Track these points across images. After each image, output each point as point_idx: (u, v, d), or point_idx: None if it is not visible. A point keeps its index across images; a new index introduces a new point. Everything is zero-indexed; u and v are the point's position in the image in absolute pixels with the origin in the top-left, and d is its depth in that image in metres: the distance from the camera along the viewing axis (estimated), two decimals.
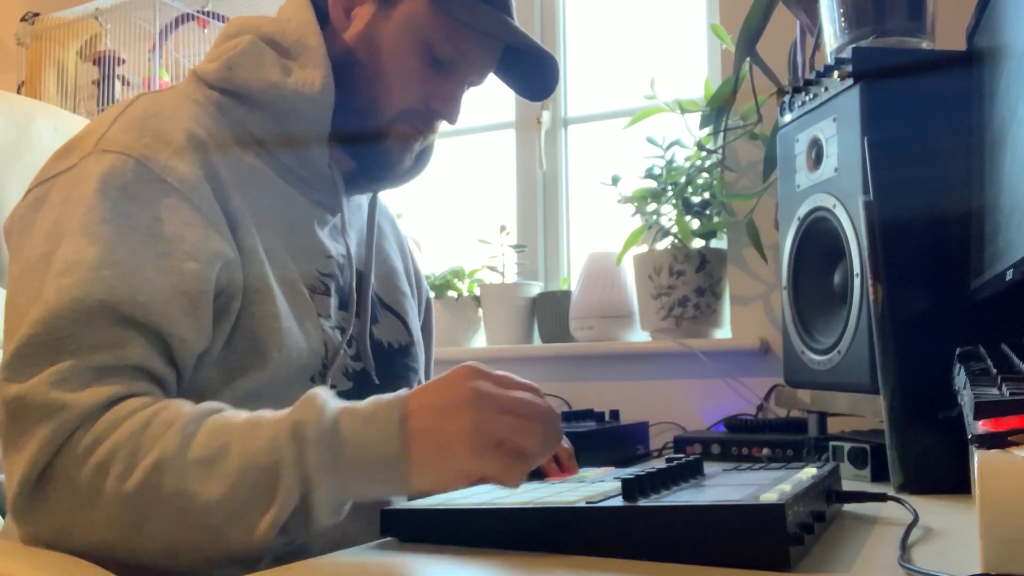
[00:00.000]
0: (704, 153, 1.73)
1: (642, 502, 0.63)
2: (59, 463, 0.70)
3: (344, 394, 0.93)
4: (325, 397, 0.72)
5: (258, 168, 0.91)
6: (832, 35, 1.20)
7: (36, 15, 2.29)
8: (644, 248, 1.78)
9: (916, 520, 0.70)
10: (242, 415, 0.73)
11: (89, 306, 0.74)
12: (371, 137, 0.95)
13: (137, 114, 0.86)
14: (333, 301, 0.95)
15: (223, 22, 2.19)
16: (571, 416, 1.47)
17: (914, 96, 1.04)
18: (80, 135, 0.88)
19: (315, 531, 0.70)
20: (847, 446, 1.07)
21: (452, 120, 0.97)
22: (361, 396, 0.96)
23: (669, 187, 1.75)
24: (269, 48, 0.92)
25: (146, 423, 0.71)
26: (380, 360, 1.00)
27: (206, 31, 2.17)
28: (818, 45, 1.45)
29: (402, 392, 0.72)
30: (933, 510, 0.79)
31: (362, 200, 1.07)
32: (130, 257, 0.77)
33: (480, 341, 2.05)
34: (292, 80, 0.90)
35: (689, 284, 1.72)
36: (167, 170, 0.82)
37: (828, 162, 1.12)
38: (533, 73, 1.00)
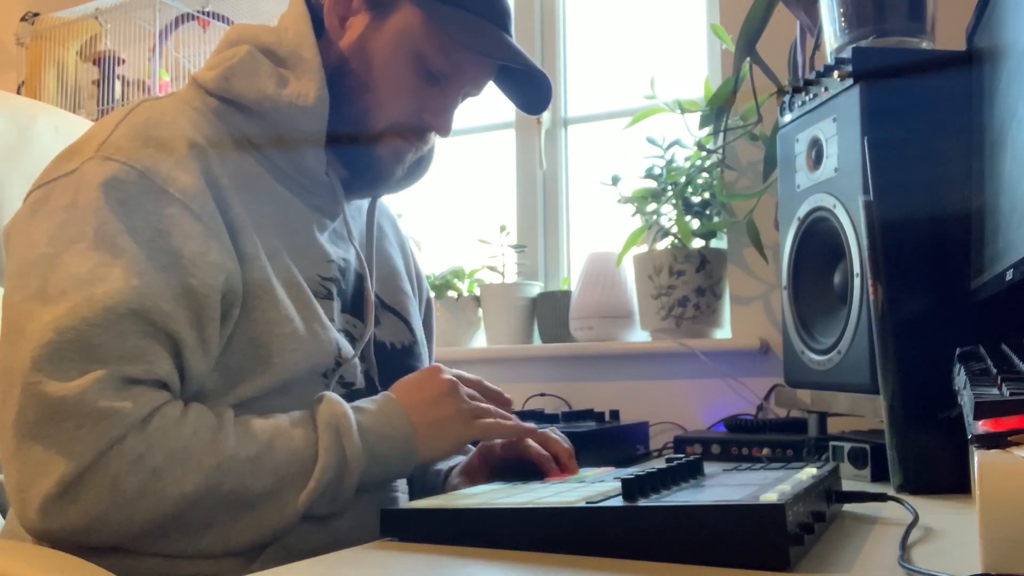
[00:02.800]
0: (704, 153, 1.73)
1: (642, 502, 0.63)
2: (103, 467, 0.74)
3: (358, 392, 0.94)
4: (336, 398, 0.86)
5: (257, 174, 0.91)
6: (832, 35, 1.20)
7: (36, 15, 2.29)
8: (644, 248, 1.78)
9: (916, 520, 0.70)
10: (254, 418, 0.83)
11: (121, 314, 0.77)
12: (363, 146, 0.96)
13: (139, 121, 0.86)
14: (336, 305, 0.95)
15: (223, 22, 2.19)
16: (571, 416, 1.47)
17: (914, 96, 1.04)
18: (81, 140, 0.88)
19: (338, 507, 0.85)
20: (847, 446, 1.07)
21: (444, 133, 0.98)
22: (367, 395, 0.97)
23: (669, 187, 1.75)
24: (265, 59, 0.92)
25: (194, 431, 0.78)
26: (383, 361, 1.00)
27: (206, 31, 2.17)
28: (818, 45, 1.45)
29: (387, 393, 0.91)
30: (933, 510, 0.79)
31: (362, 203, 1.07)
32: (149, 269, 0.79)
33: (480, 341, 2.05)
34: (287, 92, 0.90)
35: (689, 284, 1.72)
36: (169, 181, 0.83)
37: (828, 162, 1.12)
38: (529, 87, 1.00)
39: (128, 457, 0.74)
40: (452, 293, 2.04)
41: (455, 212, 2.24)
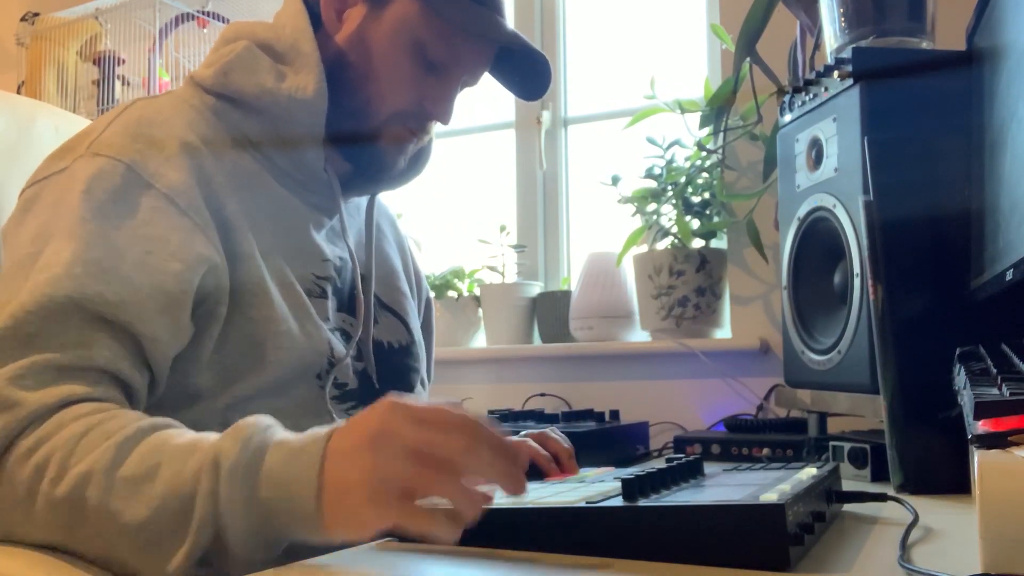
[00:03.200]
0: (704, 153, 1.73)
1: (642, 502, 0.63)
2: (5, 461, 0.69)
3: (351, 393, 0.94)
4: (261, 426, 0.67)
5: (254, 172, 0.91)
6: (832, 35, 1.20)
7: (36, 15, 2.29)
8: (644, 248, 1.78)
9: (916, 520, 0.70)
10: (186, 436, 0.69)
11: (59, 303, 0.74)
12: (365, 139, 0.95)
13: (132, 119, 0.87)
14: (331, 304, 0.95)
15: (223, 22, 2.19)
16: (571, 416, 1.47)
17: (914, 96, 1.04)
18: (75, 138, 0.88)
19: (239, 564, 0.64)
20: (847, 446, 1.07)
21: (445, 121, 0.97)
22: (364, 395, 0.96)
23: (669, 187, 1.75)
24: (264, 54, 0.92)
25: (87, 430, 0.69)
26: (381, 361, 1.00)
27: (205, 31, 2.17)
28: (818, 45, 1.45)
29: (335, 425, 0.65)
30: (933, 510, 0.79)
31: (361, 202, 1.07)
32: (106, 255, 0.77)
33: (480, 341, 2.05)
34: (286, 85, 0.90)
35: (689, 284, 1.72)
36: (156, 176, 0.82)
37: (828, 162, 1.12)
38: (527, 72, 1.00)
39: (21, 450, 0.69)
40: (452, 293, 2.04)
41: (455, 212, 2.24)
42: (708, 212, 1.75)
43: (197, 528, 0.63)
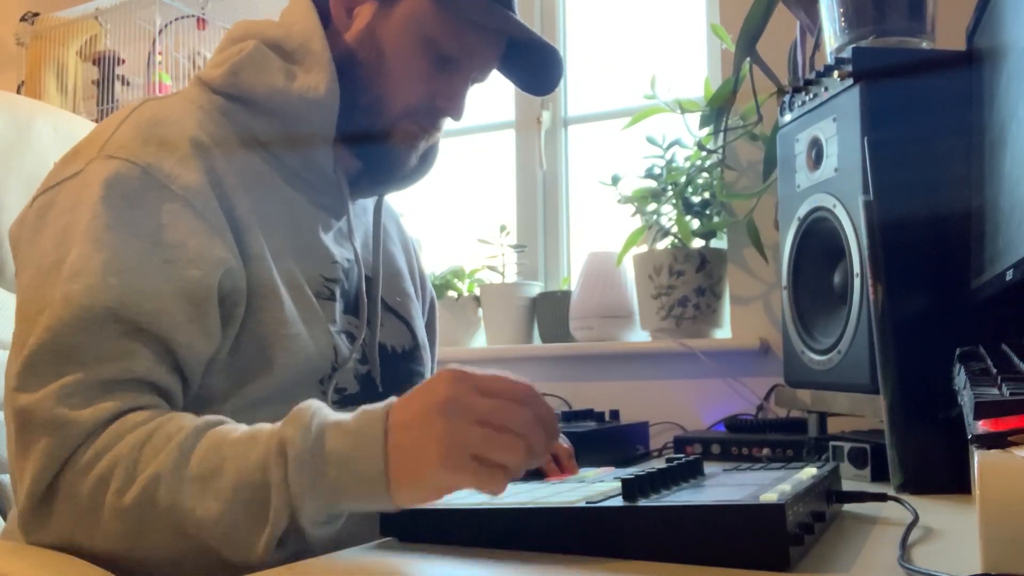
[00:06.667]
0: (704, 153, 1.73)
1: (642, 502, 0.63)
2: (63, 478, 0.71)
3: (352, 397, 0.93)
4: (314, 410, 0.70)
5: (263, 172, 0.91)
6: (832, 35, 1.19)
7: (36, 15, 2.29)
8: (644, 248, 1.78)
9: (916, 520, 0.70)
10: (240, 429, 0.72)
11: (96, 313, 0.74)
12: (377, 137, 0.95)
13: (143, 120, 0.86)
14: (338, 306, 0.94)
15: (223, 22, 2.19)
16: (571, 416, 1.47)
17: (914, 96, 1.04)
18: (85, 141, 0.88)
19: (314, 542, 0.69)
20: (847, 446, 1.07)
21: (457, 117, 0.97)
22: (367, 399, 0.96)
23: (669, 187, 1.75)
24: (273, 53, 0.92)
25: (147, 437, 0.71)
26: (385, 364, 0.99)
27: (205, 31, 2.17)
28: (818, 45, 1.45)
29: (389, 401, 0.69)
30: (933, 510, 0.79)
31: (367, 203, 1.07)
32: (135, 265, 0.78)
33: (480, 341, 2.05)
34: (297, 85, 0.90)
35: (689, 284, 1.72)
36: (171, 178, 0.82)
37: (828, 162, 1.12)
38: (537, 67, 1.00)
39: (79, 466, 0.71)
40: (452, 293, 2.04)
41: (455, 212, 2.24)
42: (708, 212, 1.75)
43: (274, 515, 0.66)
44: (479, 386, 0.65)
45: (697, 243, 1.75)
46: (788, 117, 1.25)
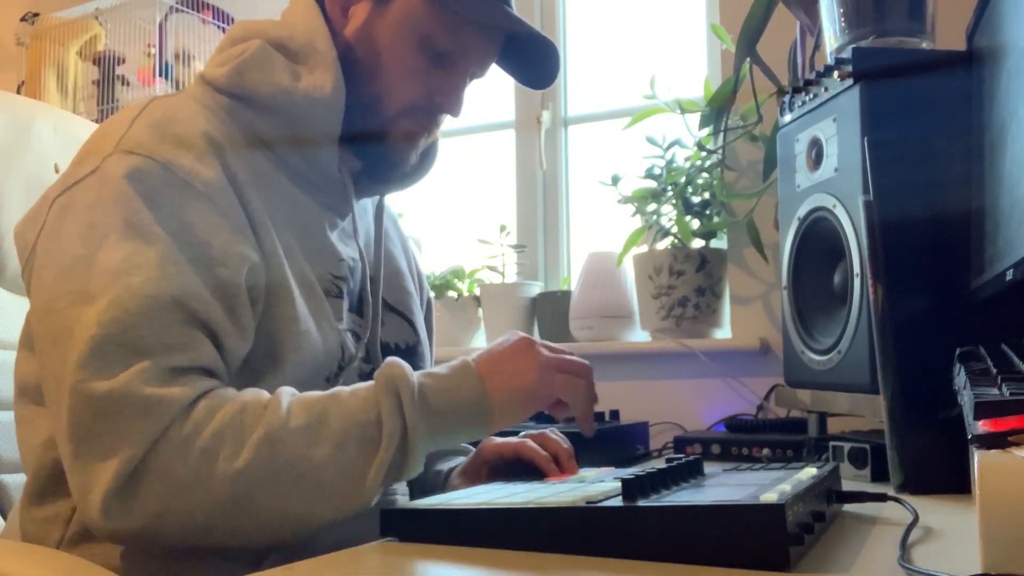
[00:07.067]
0: (704, 153, 1.73)
1: (642, 502, 0.63)
2: (155, 457, 0.72)
3: None
4: (403, 366, 0.81)
5: (269, 172, 0.91)
6: (832, 35, 1.20)
7: (36, 15, 2.29)
8: (644, 248, 1.78)
9: (916, 520, 0.70)
10: (320, 391, 0.81)
11: (163, 303, 0.76)
12: (375, 136, 0.95)
13: (156, 118, 0.86)
14: (345, 304, 0.95)
15: (223, 22, 2.19)
16: (571, 416, 1.47)
17: (914, 96, 1.04)
18: (96, 140, 0.88)
19: (408, 477, 0.81)
20: (847, 446, 1.07)
21: (455, 113, 0.97)
22: None
23: (669, 187, 1.75)
24: (278, 53, 0.92)
25: (243, 406, 0.76)
26: None
27: (204, 25, 2.17)
28: (818, 45, 1.45)
29: (466, 357, 0.84)
30: (933, 510, 0.79)
31: (367, 203, 1.07)
32: (184, 257, 0.79)
33: (480, 341, 2.05)
34: (302, 84, 0.90)
35: (689, 284, 1.72)
36: (192, 174, 0.82)
37: (828, 162, 1.12)
38: (534, 61, 1.00)
39: (175, 442, 0.73)
40: (452, 293, 2.04)
41: (455, 212, 2.24)
42: (708, 212, 1.75)
43: (386, 440, 0.77)
44: (546, 345, 0.87)
45: (697, 243, 1.75)
46: (788, 117, 1.25)
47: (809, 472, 0.76)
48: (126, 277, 0.76)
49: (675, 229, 1.75)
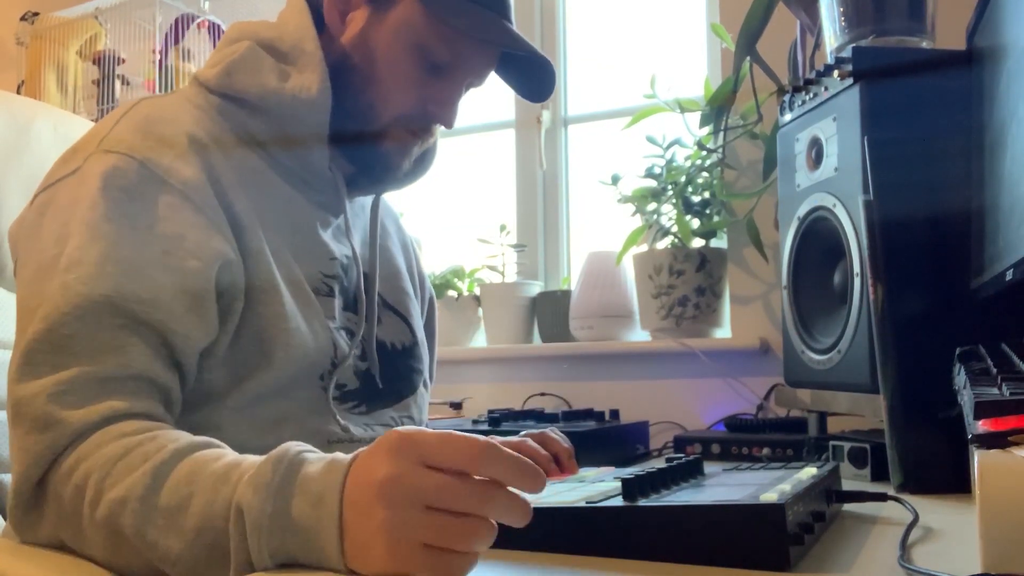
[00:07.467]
0: (704, 152, 1.73)
1: (642, 502, 0.63)
2: (50, 478, 0.70)
3: (352, 393, 0.94)
4: (292, 458, 0.61)
5: (260, 170, 0.92)
6: (832, 35, 1.20)
7: (36, 15, 2.29)
8: (644, 248, 1.78)
9: (916, 520, 0.70)
10: (223, 460, 0.66)
11: (94, 302, 0.74)
12: (368, 141, 0.95)
13: (140, 117, 0.87)
14: (337, 303, 0.95)
15: (222, 22, 2.19)
16: (571, 416, 1.47)
17: (914, 96, 1.04)
18: (83, 139, 0.88)
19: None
20: (847, 446, 1.07)
21: (449, 124, 0.97)
22: (367, 395, 0.97)
23: (669, 187, 1.75)
24: (267, 54, 0.92)
25: (124, 452, 0.68)
26: (384, 361, 1.00)
27: (202, 32, 2.17)
28: (818, 44, 1.45)
29: (354, 456, 0.60)
30: (933, 510, 0.79)
31: (365, 201, 1.07)
32: (133, 255, 0.77)
33: (480, 341, 2.05)
34: (290, 85, 0.90)
35: (689, 284, 1.72)
36: (170, 172, 0.83)
37: (828, 162, 1.12)
38: (531, 74, 1.00)
39: (64, 469, 0.69)
40: (452, 293, 2.04)
41: (455, 212, 2.24)
42: (708, 212, 1.75)
43: (235, 567, 0.61)
44: (425, 456, 0.55)
45: (697, 243, 1.75)
46: (788, 116, 1.25)
47: (809, 472, 0.76)
48: (64, 275, 0.75)
49: (675, 228, 1.75)
